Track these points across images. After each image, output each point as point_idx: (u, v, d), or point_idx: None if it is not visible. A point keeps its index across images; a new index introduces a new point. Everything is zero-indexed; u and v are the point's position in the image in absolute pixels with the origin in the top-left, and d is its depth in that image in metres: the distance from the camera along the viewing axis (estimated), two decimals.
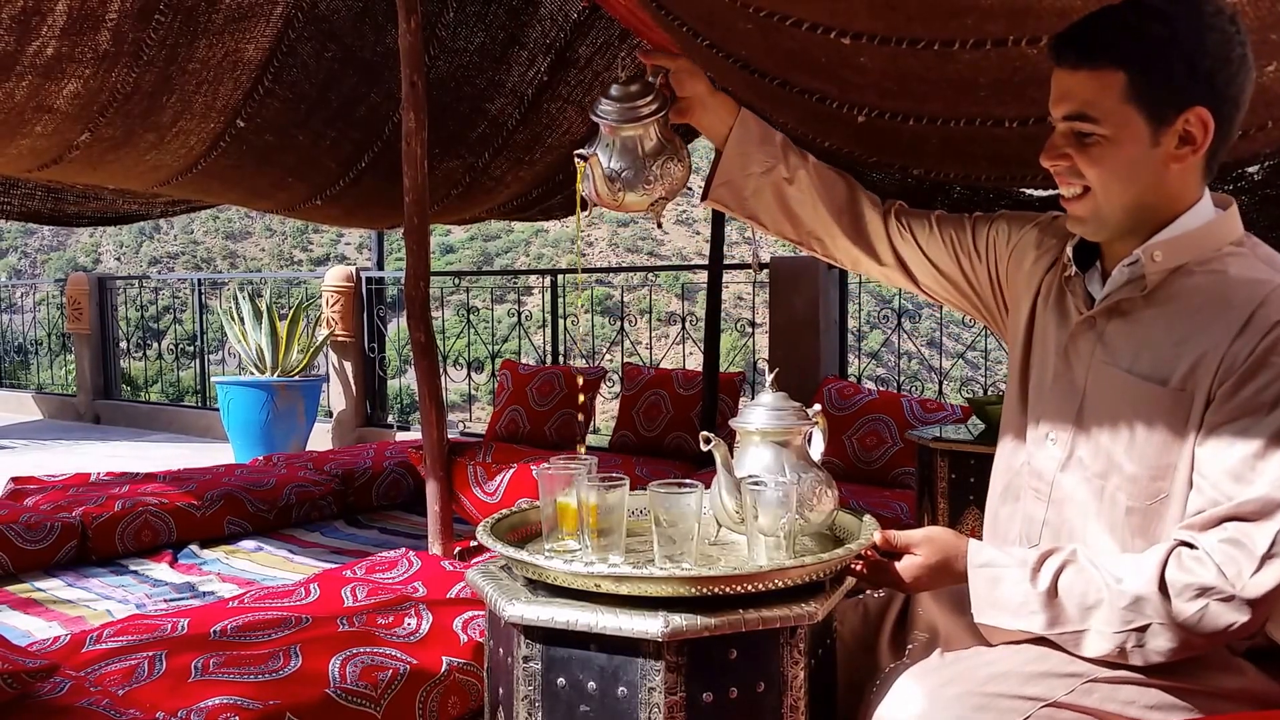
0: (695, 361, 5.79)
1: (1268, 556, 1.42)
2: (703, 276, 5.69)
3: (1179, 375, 1.52)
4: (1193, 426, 1.51)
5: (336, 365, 7.98)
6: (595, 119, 1.82)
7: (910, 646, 1.70)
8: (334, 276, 7.97)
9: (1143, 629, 1.47)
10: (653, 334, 7.29)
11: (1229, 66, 1.48)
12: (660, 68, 1.84)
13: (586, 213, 1.94)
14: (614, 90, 1.81)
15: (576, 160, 1.81)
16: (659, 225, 1.99)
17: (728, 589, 1.45)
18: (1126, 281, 1.60)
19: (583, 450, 1.91)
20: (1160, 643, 1.47)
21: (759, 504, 1.58)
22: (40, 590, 3.90)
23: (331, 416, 8.06)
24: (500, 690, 1.59)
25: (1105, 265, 1.68)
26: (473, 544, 3.94)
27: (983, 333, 5.78)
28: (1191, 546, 1.48)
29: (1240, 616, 1.43)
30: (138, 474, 5.32)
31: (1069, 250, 1.70)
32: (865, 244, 1.93)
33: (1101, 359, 1.62)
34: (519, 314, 7.81)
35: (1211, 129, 1.50)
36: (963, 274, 1.89)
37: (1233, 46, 1.48)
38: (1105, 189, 1.55)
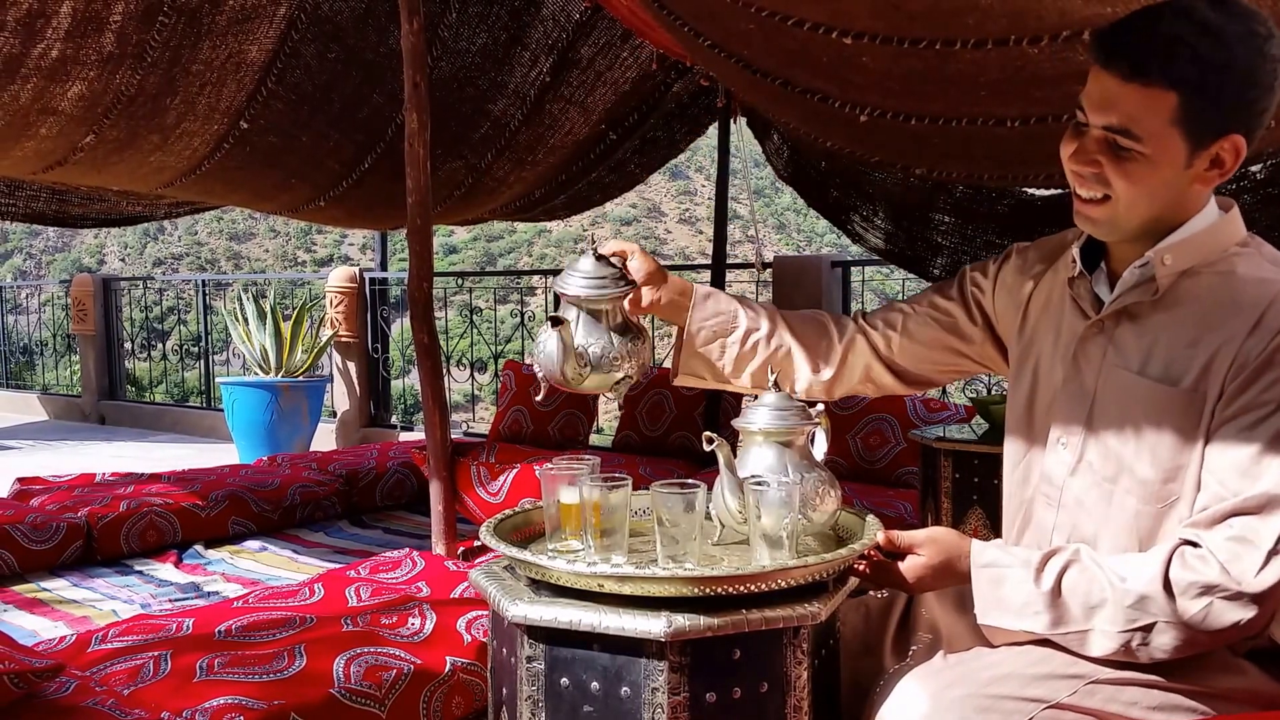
0: None
1: (1274, 552, 1.42)
2: (706, 276, 5.69)
3: (1191, 376, 1.52)
4: (1204, 427, 1.51)
5: (340, 366, 7.99)
6: (564, 290, 1.81)
7: (914, 648, 1.70)
8: (338, 277, 7.98)
9: (1148, 628, 1.47)
10: (656, 333, 7.29)
11: (1271, 95, 1.46)
12: (618, 255, 1.84)
13: (540, 396, 1.90)
14: (583, 264, 1.81)
15: (549, 326, 1.77)
16: (620, 406, 1.97)
17: (731, 589, 1.46)
18: (1136, 284, 1.59)
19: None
20: (1165, 641, 1.47)
21: (762, 504, 1.58)
22: (46, 590, 3.91)
23: (335, 417, 8.07)
24: (504, 690, 1.59)
25: (1111, 267, 1.67)
26: (476, 544, 3.94)
27: None
28: (1195, 545, 1.47)
29: (1245, 613, 1.43)
30: (143, 474, 5.33)
31: (1075, 251, 1.69)
32: (853, 372, 1.94)
33: (1113, 362, 1.61)
34: (522, 314, 7.81)
35: (1243, 155, 1.49)
36: (957, 333, 1.90)
37: (1277, 75, 1.45)
38: (1130, 202, 1.53)
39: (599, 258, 1.81)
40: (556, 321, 1.75)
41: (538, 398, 1.90)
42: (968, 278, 1.90)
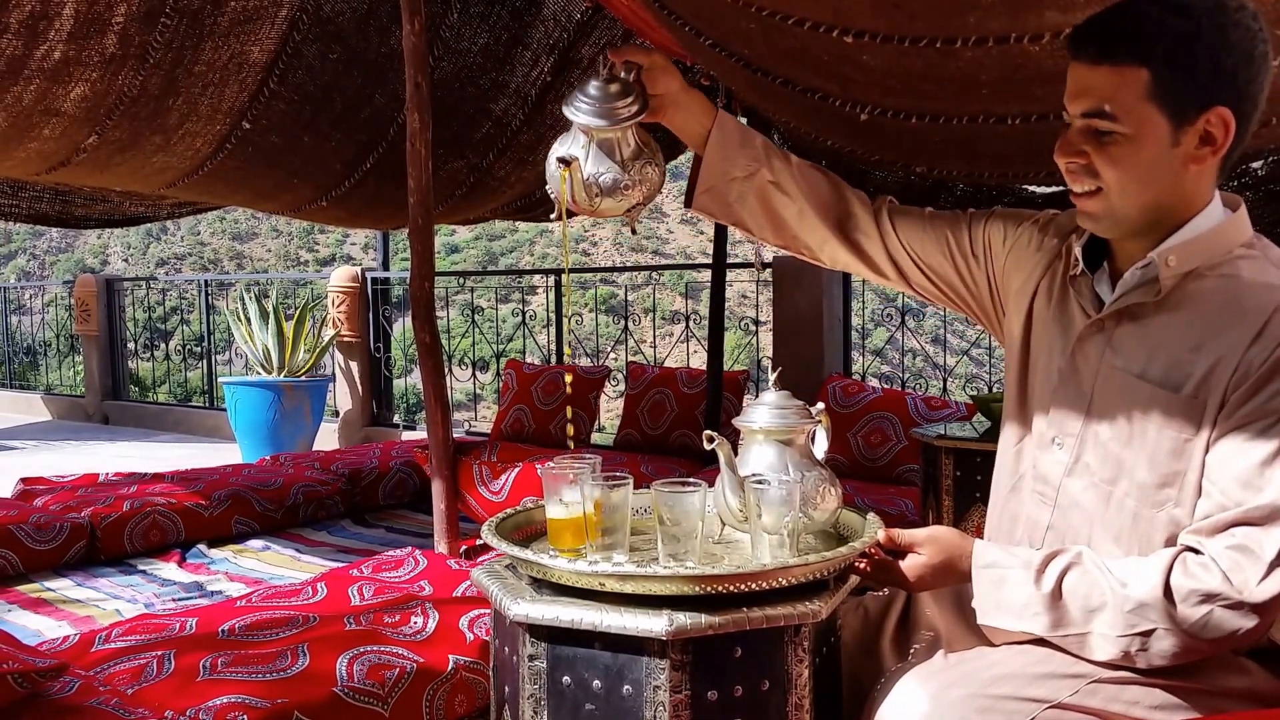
0: (699, 360, 5.79)
1: (1275, 563, 1.42)
2: (706, 275, 5.69)
3: (1193, 382, 1.51)
4: (1204, 433, 1.50)
5: (343, 365, 8.00)
6: (574, 118, 1.73)
7: (914, 648, 1.70)
8: (340, 277, 7.99)
9: (1147, 634, 1.47)
10: (657, 333, 7.29)
11: (1252, 64, 1.45)
12: (633, 64, 1.76)
13: (559, 218, 1.82)
14: (592, 89, 1.72)
15: (558, 165, 1.73)
16: (633, 231, 1.90)
17: (732, 587, 1.46)
18: (1138, 285, 1.58)
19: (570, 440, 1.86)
20: (1165, 647, 1.47)
21: (763, 502, 1.59)
22: (50, 590, 3.92)
23: (338, 416, 8.08)
24: (506, 689, 1.60)
25: (1114, 266, 1.66)
26: (478, 543, 3.95)
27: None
28: (1197, 552, 1.47)
29: (1246, 622, 1.43)
30: (146, 474, 5.34)
31: (1077, 249, 1.67)
32: (854, 245, 1.90)
33: (1111, 363, 1.60)
34: (524, 313, 7.82)
35: (1233, 129, 1.47)
36: (957, 274, 1.86)
37: (1255, 44, 1.45)
38: (1121, 189, 1.52)
39: (609, 79, 1.73)
40: (565, 162, 1.71)
41: (551, 215, 1.83)
42: (992, 220, 1.85)
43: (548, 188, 1.80)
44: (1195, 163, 1.51)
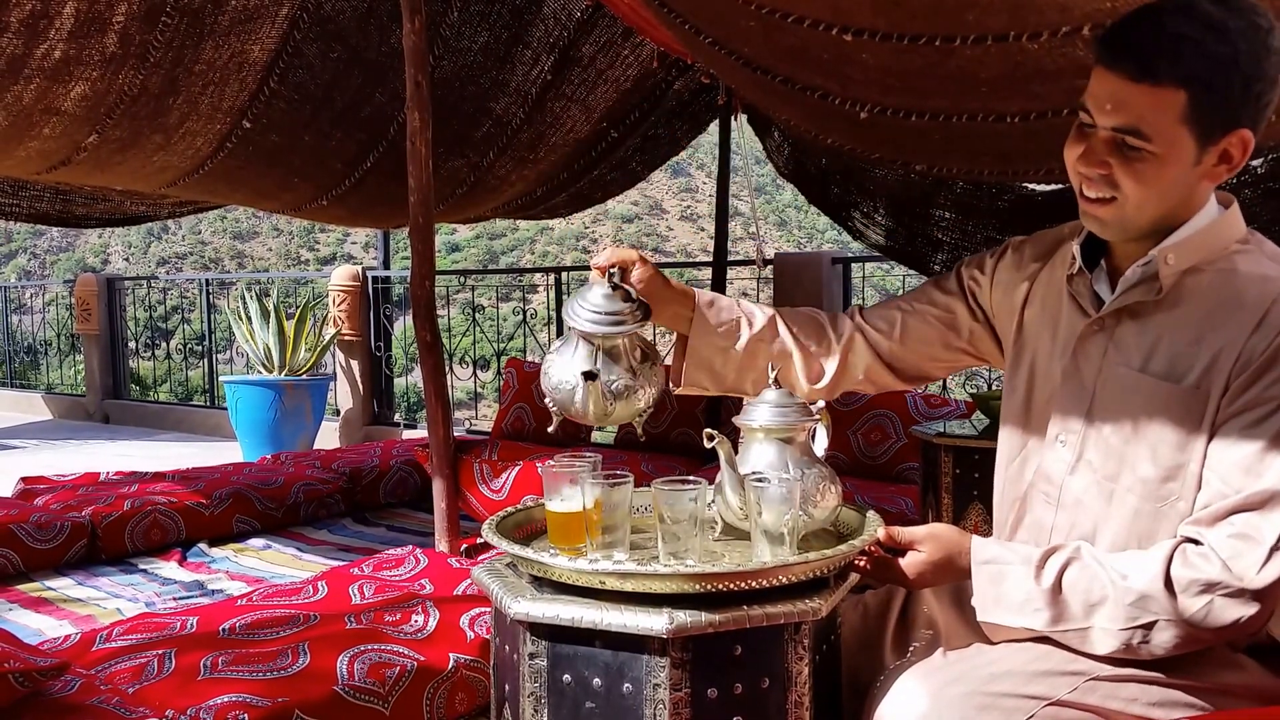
0: None
1: (1275, 549, 1.43)
2: (707, 273, 5.70)
3: (1195, 374, 1.52)
4: (1206, 425, 1.51)
5: (343, 364, 8.00)
6: (583, 328, 1.72)
7: (914, 645, 1.70)
8: (340, 276, 7.99)
9: (1149, 626, 1.47)
10: (657, 330, 7.29)
11: (1274, 88, 1.46)
12: (615, 269, 1.76)
13: (553, 428, 1.86)
14: (597, 299, 1.73)
15: (581, 379, 1.71)
16: (641, 437, 1.87)
17: (732, 585, 1.46)
18: (1139, 283, 1.59)
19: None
20: (1166, 639, 1.47)
21: (763, 500, 1.59)
22: (51, 589, 3.92)
23: (339, 415, 8.08)
24: (506, 687, 1.60)
25: (1112, 265, 1.67)
26: (479, 541, 3.95)
27: None
28: (1197, 542, 1.48)
29: (1247, 610, 1.44)
30: (146, 473, 5.34)
31: (1075, 249, 1.69)
32: (840, 370, 1.93)
33: (1113, 360, 1.61)
34: (524, 312, 7.82)
35: (1250, 150, 1.49)
36: (955, 329, 1.90)
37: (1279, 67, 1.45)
38: (1139, 202, 1.52)
39: (612, 286, 1.74)
40: (591, 376, 1.70)
41: (550, 428, 1.85)
42: (964, 272, 1.90)
43: (548, 402, 1.80)
44: (1210, 179, 1.53)
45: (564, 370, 1.76)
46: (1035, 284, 1.78)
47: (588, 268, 1.80)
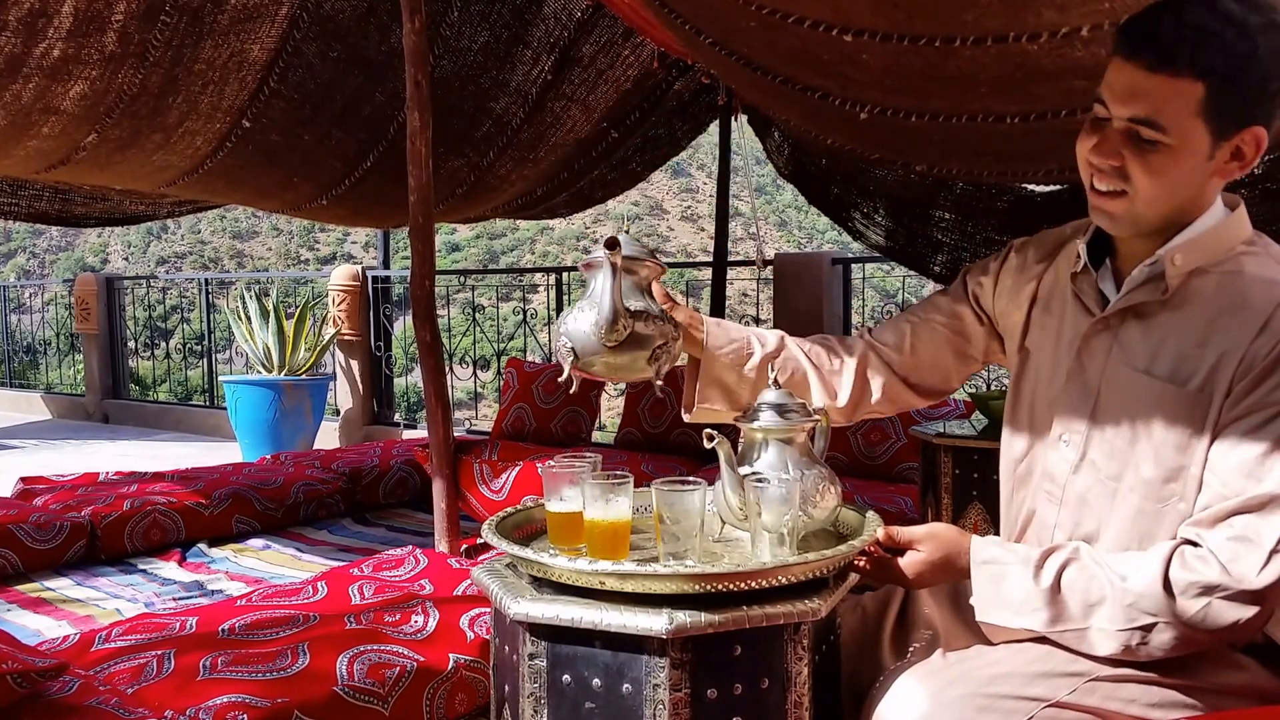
0: None
1: (1275, 551, 1.42)
2: (707, 273, 5.70)
3: (1200, 377, 1.52)
4: (1209, 428, 1.51)
5: (343, 364, 8.00)
6: (622, 259, 1.69)
7: (913, 647, 1.70)
8: (340, 275, 7.99)
9: (1147, 627, 1.47)
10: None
11: None
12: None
13: (564, 376, 1.80)
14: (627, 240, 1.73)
15: (605, 250, 1.67)
16: (659, 381, 1.80)
17: (732, 586, 1.46)
18: (1144, 283, 1.59)
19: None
20: (1164, 640, 1.47)
21: (762, 501, 1.59)
22: (50, 589, 3.92)
23: (338, 415, 8.08)
24: (506, 687, 1.60)
25: (1117, 264, 1.67)
26: (479, 541, 3.95)
27: None
28: (1195, 544, 1.48)
29: (1245, 612, 1.43)
30: (146, 473, 5.34)
31: (1081, 247, 1.68)
32: (859, 390, 1.92)
33: (1118, 360, 1.61)
34: (524, 312, 7.82)
35: (1263, 148, 1.49)
36: (964, 336, 1.90)
37: None
38: (1150, 196, 1.52)
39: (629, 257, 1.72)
40: (612, 244, 1.66)
41: (560, 378, 1.81)
42: (969, 279, 1.90)
43: (561, 342, 1.76)
44: (1221, 175, 1.53)
45: (583, 316, 1.73)
46: (1040, 284, 1.78)
47: (590, 266, 1.78)
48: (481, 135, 4.75)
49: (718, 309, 5.30)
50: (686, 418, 1.93)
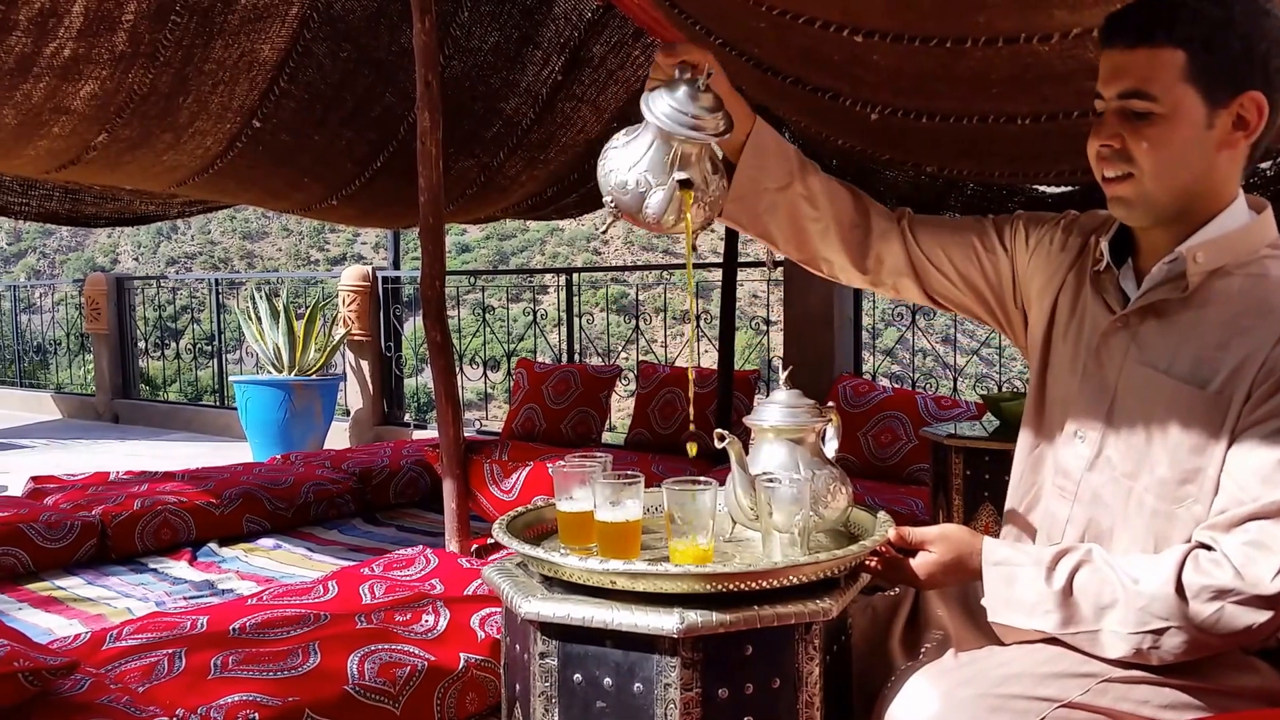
0: (710, 359, 5.79)
1: None
2: (717, 275, 5.69)
3: (1219, 379, 1.51)
4: (1227, 431, 1.50)
5: (353, 364, 8.01)
6: (667, 129, 1.60)
7: (925, 647, 1.69)
8: (350, 276, 8.00)
9: (1159, 631, 1.46)
10: (668, 332, 7.30)
11: None
12: (687, 64, 1.64)
13: (605, 228, 1.79)
14: (683, 99, 1.60)
15: (677, 186, 1.63)
16: (695, 238, 1.74)
17: (743, 585, 1.46)
18: (1165, 280, 1.58)
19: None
20: (1176, 644, 1.46)
21: (773, 501, 1.59)
22: (61, 588, 3.93)
23: (349, 415, 8.09)
24: (517, 686, 1.60)
25: (1140, 262, 1.66)
26: (489, 541, 3.95)
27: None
28: (1210, 548, 1.47)
29: (1259, 617, 1.43)
30: (156, 473, 5.35)
31: (1104, 244, 1.68)
32: (875, 259, 1.86)
33: (1136, 359, 1.60)
34: (534, 313, 7.83)
35: (1265, 114, 1.50)
36: (981, 272, 1.84)
37: None
38: (1155, 172, 1.52)
39: (704, 89, 1.61)
40: (686, 184, 1.61)
41: (603, 230, 1.78)
42: (1020, 224, 1.83)
43: (608, 200, 1.69)
44: (1228, 147, 1.52)
45: (632, 169, 1.65)
46: (1069, 276, 1.74)
47: (598, 269, 1.77)
48: (492, 135, 4.76)
49: (728, 311, 5.29)
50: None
